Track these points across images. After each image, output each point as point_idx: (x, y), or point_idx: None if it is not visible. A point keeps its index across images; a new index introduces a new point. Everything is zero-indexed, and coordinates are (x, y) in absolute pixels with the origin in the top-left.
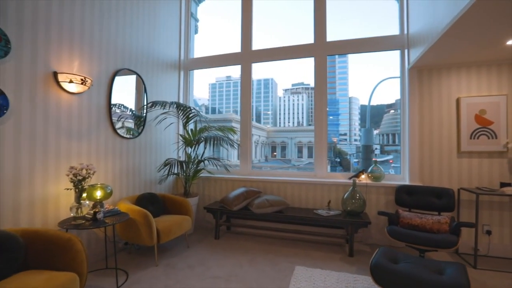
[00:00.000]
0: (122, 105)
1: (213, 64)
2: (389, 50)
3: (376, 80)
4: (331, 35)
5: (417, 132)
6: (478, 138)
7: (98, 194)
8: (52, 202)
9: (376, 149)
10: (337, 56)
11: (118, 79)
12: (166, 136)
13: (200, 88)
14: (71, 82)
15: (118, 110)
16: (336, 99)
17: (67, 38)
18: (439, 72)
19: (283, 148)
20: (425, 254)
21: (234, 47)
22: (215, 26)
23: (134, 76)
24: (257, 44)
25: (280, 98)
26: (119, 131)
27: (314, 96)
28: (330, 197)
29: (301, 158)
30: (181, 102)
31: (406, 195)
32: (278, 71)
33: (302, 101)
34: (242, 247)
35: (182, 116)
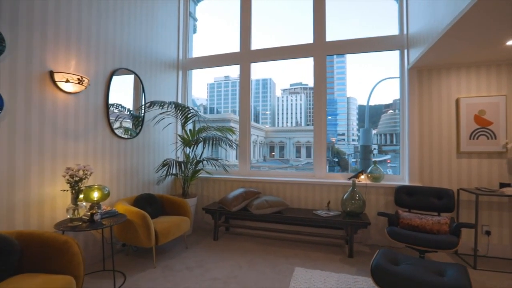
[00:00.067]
0: (120, 105)
1: (211, 64)
2: (388, 50)
3: (374, 80)
4: (331, 35)
5: (416, 132)
6: (477, 138)
7: (95, 195)
8: (48, 203)
9: (374, 149)
10: (335, 56)
11: (115, 79)
12: (164, 136)
13: (198, 88)
14: (68, 81)
15: (116, 110)
16: (334, 99)
17: (64, 37)
18: (439, 72)
19: (282, 148)
20: (424, 255)
21: (233, 47)
22: (214, 25)
23: (132, 75)
24: (256, 44)
25: (278, 98)
26: (117, 131)
27: (314, 96)
28: (330, 197)
29: (299, 158)
30: (179, 102)
31: (405, 196)
32: (277, 71)
33: (300, 101)
34: (241, 248)
35: (180, 116)
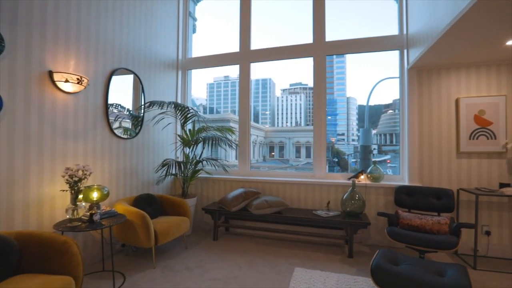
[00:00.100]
0: (119, 105)
1: (211, 63)
2: (388, 50)
3: (374, 80)
4: (330, 35)
5: (416, 132)
6: (477, 138)
7: (95, 195)
8: (47, 203)
9: (374, 149)
10: (334, 56)
11: (115, 79)
12: (163, 136)
13: (198, 87)
14: (67, 81)
15: (115, 110)
16: (334, 99)
17: (63, 37)
18: (439, 72)
19: (281, 148)
20: (424, 255)
21: (233, 47)
22: (214, 25)
23: (132, 75)
24: (255, 44)
25: (278, 98)
26: (116, 131)
27: (313, 96)
28: (329, 197)
29: (299, 158)
30: (179, 102)
31: (405, 196)
32: (276, 71)
33: (300, 101)
34: (240, 248)
35: (180, 116)
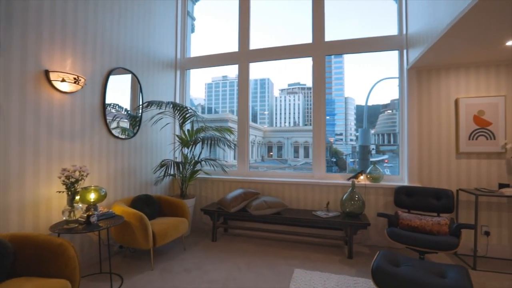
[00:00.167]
0: (117, 105)
1: (210, 63)
2: (387, 50)
3: (372, 80)
4: (330, 35)
5: (416, 132)
6: (476, 139)
7: (92, 196)
8: (43, 205)
9: (372, 149)
10: (333, 56)
11: (112, 78)
12: (162, 136)
13: (196, 87)
14: (64, 81)
15: (113, 110)
16: (332, 99)
17: (60, 36)
18: (438, 72)
19: (280, 148)
20: (424, 256)
21: (232, 47)
22: (212, 25)
23: (129, 75)
24: (254, 44)
25: (276, 98)
26: (114, 132)
27: (313, 96)
28: (329, 198)
29: (297, 158)
30: (177, 102)
31: (405, 196)
32: (274, 71)
33: (298, 101)
34: (239, 249)
35: (178, 116)
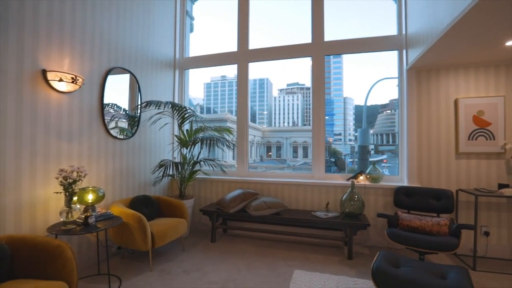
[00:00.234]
0: (115, 104)
1: (209, 63)
2: (387, 50)
3: (370, 80)
4: (329, 35)
5: (415, 133)
6: (476, 139)
7: (90, 197)
8: (40, 206)
9: (372, 149)
10: (331, 56)
11: (111, 78)
12: (160, 136)
13: (195, 87)
14: (61, 80)
15: (111, 110)
16: (331, 99)
17: (57, 35)
18: (437, 73)
19: (278, 148)
20: (424, 257)
21: (231, 46)
22: (211, 25)
23: (128, 75)
24: (254, 43)
25: (275, 98)
26: (112, 132)
27: (312, 96)
28: (328, 198)
29: (296, 158)
30: (176, 101)
31: (404, 197)
32: (273, 71)
33: (297, 101)
34: (239, 250)
35: (177, 116)
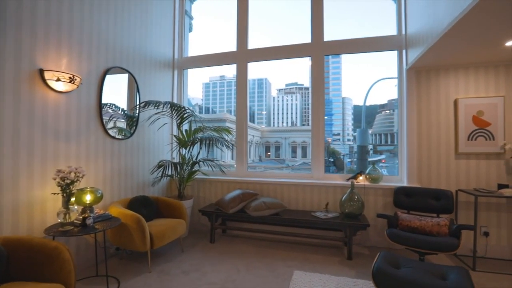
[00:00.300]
0: (114, 104)
1: (208, 63)
2: (387, 50)
3: (369, 80)
4: (329, 35)
5: (415, 133)
6: (475, 139)
7: (88, 198)
8: (37, 207)
9: (370, 149)
10: (330, 56)
11: (109, 78)
12: (159, 137)
13: (193, 87)
14: (59, 80)
15: (110, 110)
16: (329, 99)
17: (55, 35)
18: (437, 73)
19: (277, 148)
20: (424, 257)
21: (230, 46)
22: (210, 24)
23: (126, 74)
24: (253, 43)
25: (274, 98)
26: (110, 132)
27: (311, 96)
28: (328, 199)
29: (295, 158)
30: (175, 101)
31: (404, 197)
32: (272, 71)
33: (296, 101)
34: (238, 251)
35: (176, 116)
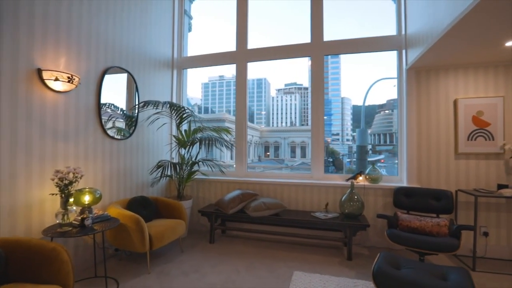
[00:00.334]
0: (112, 104)
1: (207, 63)
2: (386, 50)
3: (368, 80)
4: (328, 35)
5: (415, 133)
6: (475, 139)
7: (86, 199)
8: (36, 208)
9: (370, 149)
10: (329, 56)
11: (108, 78)
12: (158, 137)
13: (192, 87)
14: (57, 80)
15: (109, 110)
16: (328, 100)
17: (53, 34)
18: (437, 73)
19: (276, 148)
20: (424, 258)
21: (229, 46)
22: (210, 24)
23: (125, 74)
24: (252, 43)
25: (273, 98)
26: (109, 132)
27: (311, 96)
28: (328, 199)
29: (294, 158)
30: (174, 101)
31: (404, 197)
32: (271, 71)
33: (295, 101)
34: (238, 252)
35: (175, 116)
